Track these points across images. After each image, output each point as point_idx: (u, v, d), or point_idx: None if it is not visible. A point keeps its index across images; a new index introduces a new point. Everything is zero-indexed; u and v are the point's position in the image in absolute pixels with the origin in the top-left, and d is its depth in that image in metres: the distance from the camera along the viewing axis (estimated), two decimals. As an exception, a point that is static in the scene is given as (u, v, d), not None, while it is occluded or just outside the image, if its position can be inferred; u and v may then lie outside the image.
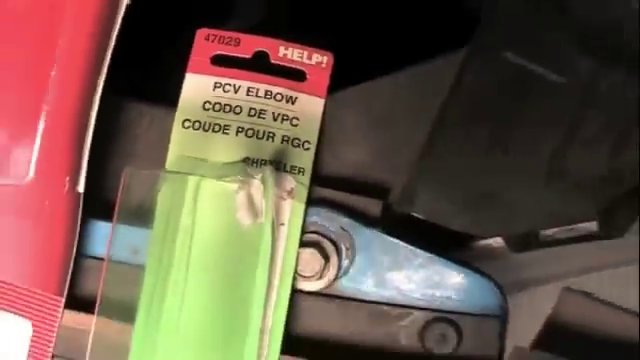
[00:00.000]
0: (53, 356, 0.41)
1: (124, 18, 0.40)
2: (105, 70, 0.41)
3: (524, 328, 0.41)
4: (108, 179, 0.41)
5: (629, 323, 0.40)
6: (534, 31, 0.39)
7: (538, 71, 0.38)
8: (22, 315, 0.41)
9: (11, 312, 0.41)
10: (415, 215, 0.39)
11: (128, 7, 0.39)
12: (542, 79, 0.38)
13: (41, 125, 0.40)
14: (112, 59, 0.40)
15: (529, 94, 0.39)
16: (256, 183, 0.40)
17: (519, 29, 0.39)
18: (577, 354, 0.40)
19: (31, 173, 0.40)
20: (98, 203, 0.41)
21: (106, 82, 0.41)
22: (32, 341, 0.41)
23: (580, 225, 0.39)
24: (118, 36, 0.40)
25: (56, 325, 0.41)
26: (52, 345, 0.41)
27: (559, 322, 0.41)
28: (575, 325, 0.41)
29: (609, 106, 0.38)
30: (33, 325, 0.41)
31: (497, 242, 0.41)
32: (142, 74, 0.43)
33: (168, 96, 0.43)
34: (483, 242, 0.41)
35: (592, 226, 0.39)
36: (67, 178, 0.40)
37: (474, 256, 0.41)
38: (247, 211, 0.40)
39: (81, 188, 0.40)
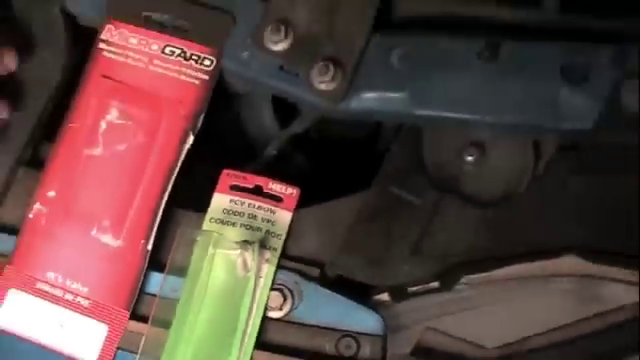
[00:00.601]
0: (118, 347, 0.68)
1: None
2: (169, 188, 0.71)
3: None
4: (163, 246, 0.70)
5: (465, 347, 0.67)
6: (406, 175, 0.69)
7: (408, 197, 0.68)
8: (101, 320, 0.68)
9: (95, 318, 0.68)
10: (338, 273, 0.68)
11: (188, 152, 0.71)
12: (410, 201, 0.68)
13: (130, 214, 0.70)
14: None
15: (403, 208, 0.69)
16: (249, 253, 0.69)
17: (399, 174, 0.70)
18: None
19: (121, 239, 0.70)
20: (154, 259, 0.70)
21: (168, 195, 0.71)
22: (106, 337, 0.68)
23: (429, 284, 0.67)
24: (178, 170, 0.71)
25: (123, 328, 0.68)
26: (118, 340, 0.68)
27: (423, 347, 0.67)
28: (433, 348, 0.67)
29: (450, 215, 0.68)
30: (108, 327, 0.68)
31: (385, 297, 0.69)
32: (188, 192, 0.73)
33: (199, 207, 0.73)
34: (378, 296, 0.69)
35: (436, 284, 0.67)
36: (143, 242, 0.69)
37: (374, 304, 0.69)
38: (242, 268, 0.68)
39: (149, 247, 0.69)
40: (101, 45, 0.72)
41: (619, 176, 0.67)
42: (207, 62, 0.71)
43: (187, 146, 0.70)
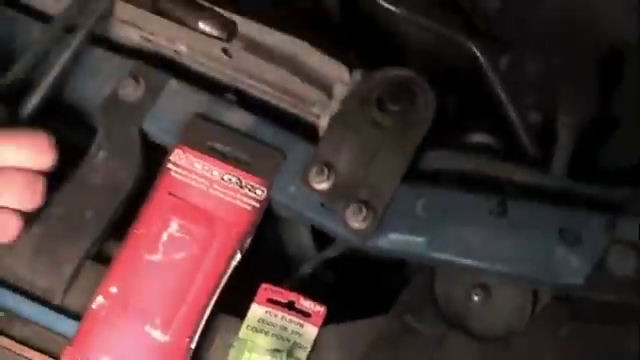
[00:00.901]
0: None
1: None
2: (216, 295, 0.82)
3: None
4: (205, 345, 0.81)
5: None
6: (419, 306, 0.80)
7: (419, 327, 0.79)
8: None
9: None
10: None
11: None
12: (420, 331, 0.79)
13: (179, 315, 0.81)
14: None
15: (414, 336, 0.79)
16: (277, 360, 0.80)
17: (413, 305, 0.81)
18: None
19: (168, 336, 0.81)
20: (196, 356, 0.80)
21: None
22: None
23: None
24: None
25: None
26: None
27: None
28: None
29: (453, 347, 0.78)
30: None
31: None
32: (231, 299, 0.84)
33: (239, 313, 0.84)
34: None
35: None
36: (187, 340, 0.80)
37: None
38: (271, 370, 0.79)
39: (193, 345, 0.80)
40: (169, 165, 0.85)
41: (605, 327, 0.77)
42: (259, 192, 0.83)
43: (234, 262, 0.81)
